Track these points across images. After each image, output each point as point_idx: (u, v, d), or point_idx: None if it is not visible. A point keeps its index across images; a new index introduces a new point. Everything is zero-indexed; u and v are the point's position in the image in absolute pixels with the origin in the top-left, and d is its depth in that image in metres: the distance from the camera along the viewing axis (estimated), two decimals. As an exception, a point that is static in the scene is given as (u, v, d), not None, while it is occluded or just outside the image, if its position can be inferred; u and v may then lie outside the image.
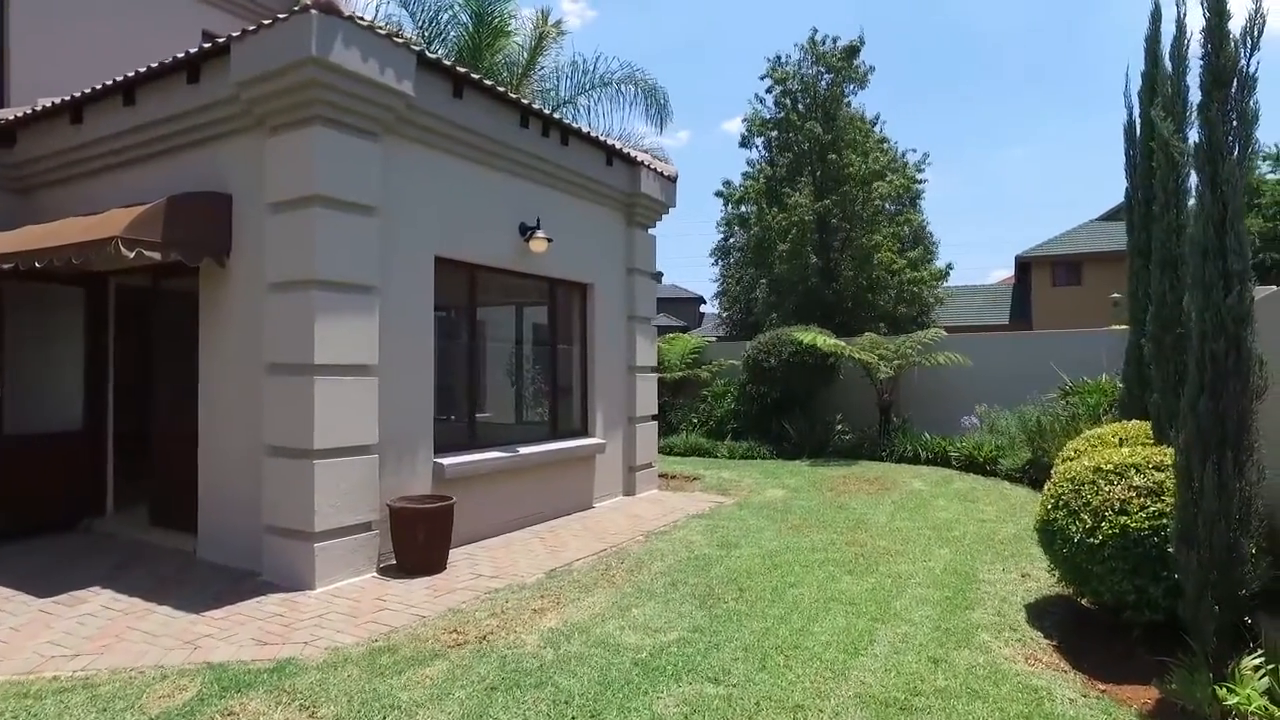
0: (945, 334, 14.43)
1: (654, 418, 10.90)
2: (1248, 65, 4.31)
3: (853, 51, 24.22)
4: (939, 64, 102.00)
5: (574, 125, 9.16)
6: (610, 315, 10.10)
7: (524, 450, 8.37)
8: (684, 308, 61.25)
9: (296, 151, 6.25)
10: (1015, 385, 12.79)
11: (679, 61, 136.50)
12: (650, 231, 10.90)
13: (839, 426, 14.28)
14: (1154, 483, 4.87)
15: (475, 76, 7.51)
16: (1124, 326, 13.91)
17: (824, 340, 13.35)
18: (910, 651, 4.73)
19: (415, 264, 7.21)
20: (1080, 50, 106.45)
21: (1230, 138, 4.38)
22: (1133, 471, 5.01)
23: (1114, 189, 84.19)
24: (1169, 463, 4.99)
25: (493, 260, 8.20)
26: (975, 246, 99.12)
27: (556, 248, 8.81)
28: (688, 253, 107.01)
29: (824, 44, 24.58)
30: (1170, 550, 4.50)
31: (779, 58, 25.22)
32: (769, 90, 25.53)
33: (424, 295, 7.31)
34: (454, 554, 7.09)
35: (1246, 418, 4.22)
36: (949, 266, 24.60)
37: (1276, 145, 25.60)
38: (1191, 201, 6.44)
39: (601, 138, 9.73)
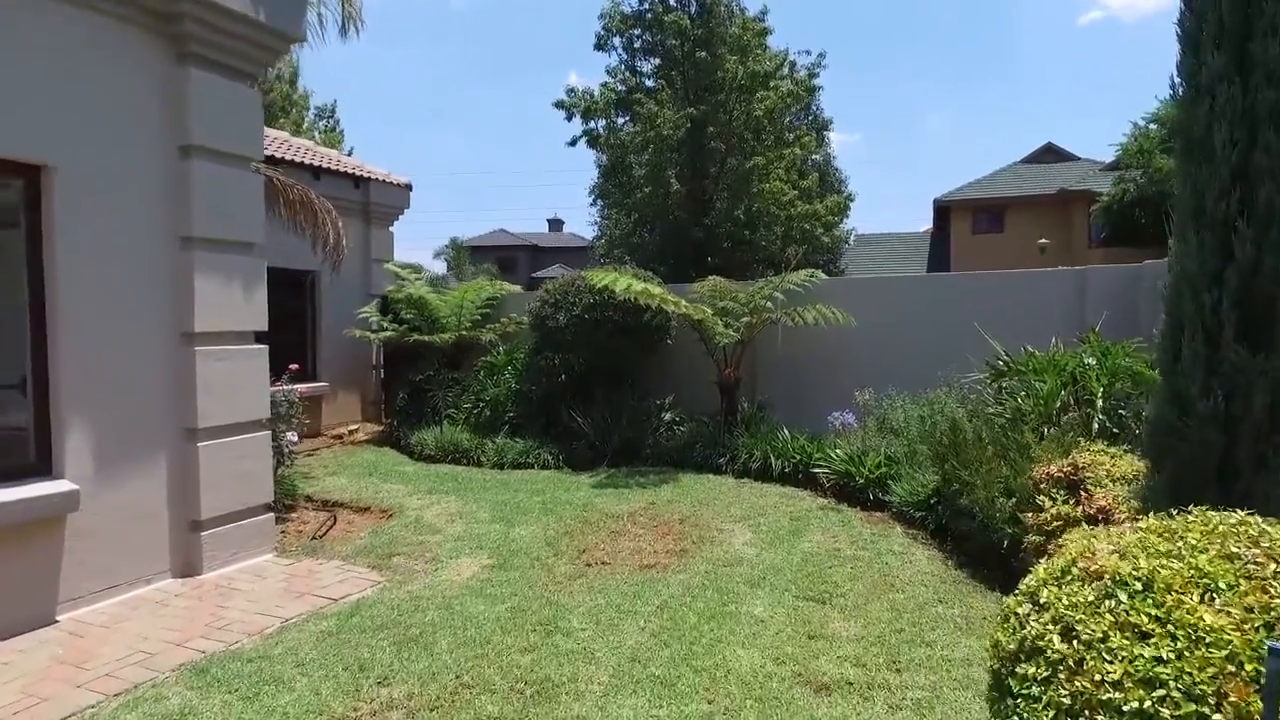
0: (824, 277, 9.72)
1: (263, 424, 5.93)
2: None
3: (733, -76, 19.03)
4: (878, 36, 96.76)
5: None
6: (117, 234, 5.01)
7: None
8: (583, 257, 55.94)
9: None
10: (925, 354, 8.23)
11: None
12: (247, 87, 5.80)
13: (666, 416, 9.53)
14: None
15: None
16: (1078, 268, 9.28)
17: (625, 284, 8.42)
18: None
19: None
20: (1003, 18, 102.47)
21: None
22: None
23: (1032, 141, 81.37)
24: None
25: None
26: (905, 201, 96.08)
27: None
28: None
29: (699, -84, 19.30)
30: None
31: (647, -65, 19.88)
32: (633, -23, 20.21)
33: None
34: None
35: None
36: (849, 198, 19.93)
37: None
38: None
39: None
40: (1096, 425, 5.72)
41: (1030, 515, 4.19)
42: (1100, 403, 5.82)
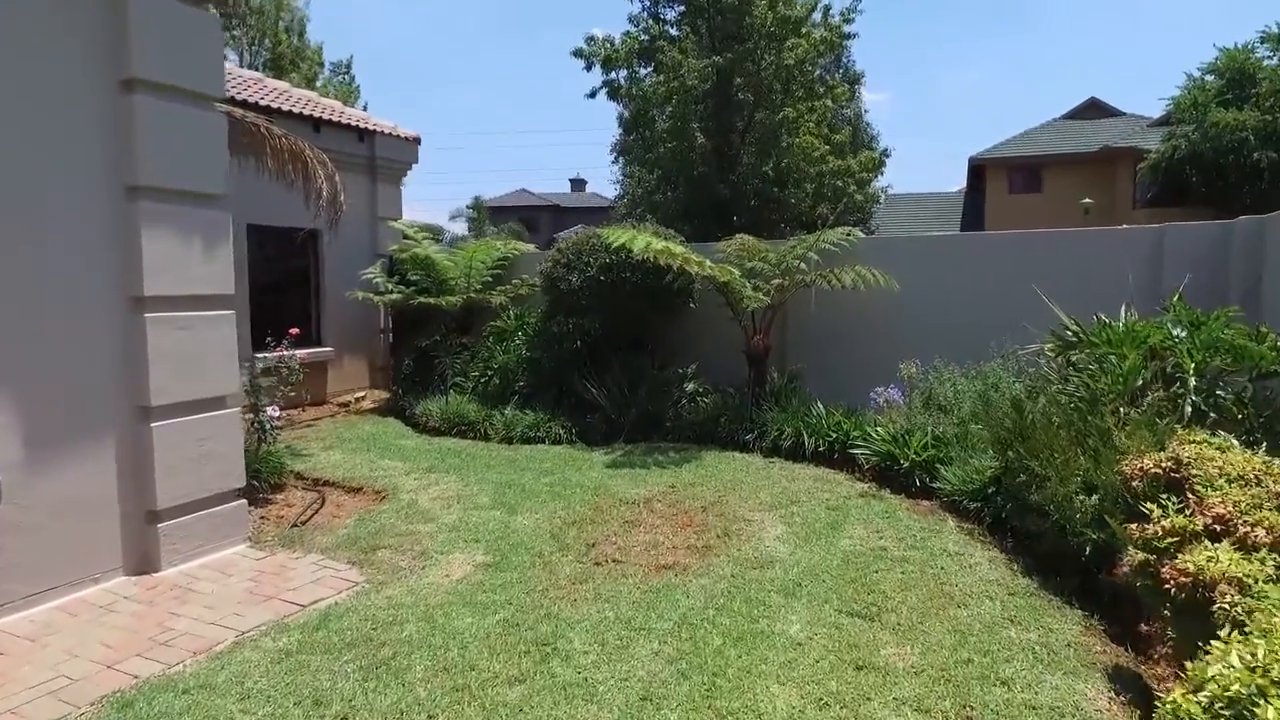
0: (861, 235, 8.87)
1: (231, 399, 5.25)
2: None
3: None
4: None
5: None
6: (41, 180, 4.31)
7: None
8: (605, 217, 54.97)
9: None
10: (976, 321, 7.41)
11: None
12: (204, 12, 5.03)
13: (689, 387, 8.79)
14: None
15: None
16: (1154, 225, 8.16)
17: (644, 243, 7.62)
18: None
19: None
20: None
21: None
22: None
23: (1072, 98, 78.63)
24: None
25: None
26: (936, 162, 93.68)
27: None
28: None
29: None
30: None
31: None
32: (659, -82, 19.04)
33: None
34: None
35: None
36: (885, 153, 18.84)
37: (1278, 24, 20.64)
38: None
39: None
40: (1189, 409, 4.90)
41: (1135, 527, 3.42)
42: (1193, 381, 4.99)
